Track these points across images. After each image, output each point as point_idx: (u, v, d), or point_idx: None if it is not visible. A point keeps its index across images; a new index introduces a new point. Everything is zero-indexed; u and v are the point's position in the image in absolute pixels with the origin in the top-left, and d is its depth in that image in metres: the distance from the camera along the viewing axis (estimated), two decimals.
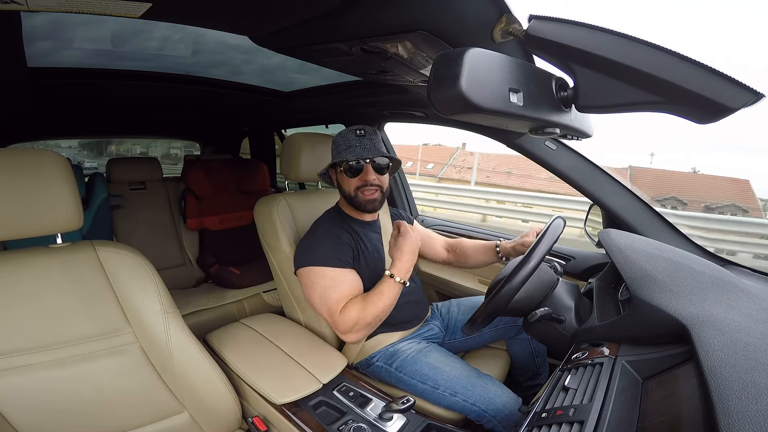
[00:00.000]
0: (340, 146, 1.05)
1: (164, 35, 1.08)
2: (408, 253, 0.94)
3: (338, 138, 1.07)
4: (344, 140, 1.04)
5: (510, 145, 1.20)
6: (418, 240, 0.96)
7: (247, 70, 1.40)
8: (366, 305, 0.93)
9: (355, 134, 1.04)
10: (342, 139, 1.05)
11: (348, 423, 0.83)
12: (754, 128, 32.08)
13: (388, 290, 0.93)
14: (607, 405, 0.51)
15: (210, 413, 0.88)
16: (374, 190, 1.03)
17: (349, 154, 1.01)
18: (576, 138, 0.69)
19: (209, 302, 1.71)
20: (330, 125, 1.94)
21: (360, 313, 0.93)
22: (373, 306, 0.93)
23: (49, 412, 0.71)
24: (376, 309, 0.93)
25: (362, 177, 1.02)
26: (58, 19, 0.90)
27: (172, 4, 0.69)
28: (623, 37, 0.43)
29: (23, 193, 0.68)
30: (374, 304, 0.93)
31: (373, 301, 0.93)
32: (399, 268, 0.94)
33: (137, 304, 0.80)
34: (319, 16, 0.69)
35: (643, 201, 1.06)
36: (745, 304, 0.59)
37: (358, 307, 0.94)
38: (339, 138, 1.07)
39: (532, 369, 1.20)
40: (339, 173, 1.06)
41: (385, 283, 0.94)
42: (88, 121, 2.10)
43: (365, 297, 0.96)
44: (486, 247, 1.23)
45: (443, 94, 0.42)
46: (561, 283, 0.91)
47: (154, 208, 2.04)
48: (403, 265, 0.94)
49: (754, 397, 0.39)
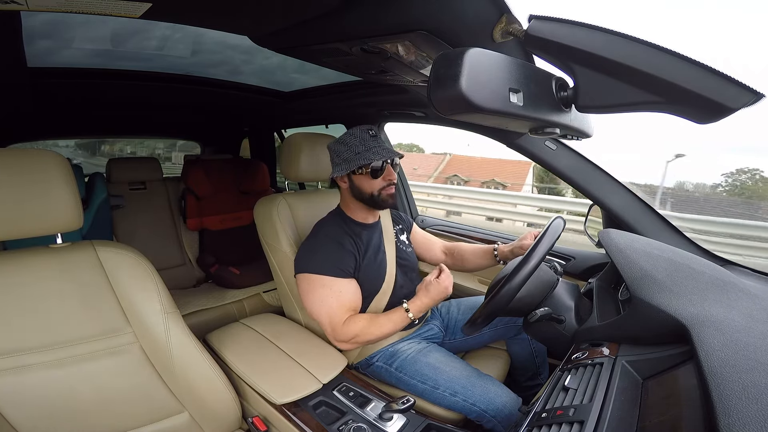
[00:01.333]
0: (356, 148, 1.01)
1: (164, 35, 1.08)
2: (433, 300, 0.95)
3: (350, 139, 1.03)
4: (360, 141, 1.02)
5: (510, 145, 1.20)
6: (449, 292, 0.96)
7: (246, 70, 1.40)
8: (371, 325, 0.96)
9: (368, 134, 1.03)
10: (356, 140, 1.02)
11: (348, 423, 0.83)
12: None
13: (398, 320, 0.96)
14: (607, 405, 0.51)
15: (210, 413, 0.88)
16: (393, 187, 1.06)
17: (373, 155, 1.00)
18: (576, 138, 0.69)
19: (209, 302, 1.71)
20: (330, 125, 1.94)
21: (363, 330, 0.95)
22: (378, 328, 0.95)
23: (49, 412, 0.71)
24: (380, 332, 0.96)
25: (386, 176, 1.03)
26: (58, 19, 0.90)
27: (172, 4, 0.69)
28: (623, 37, 0.43)
29: (23, 193, 0.68)
30: (379, 327, 0.95)
31: (379, 323, 0.96)
32: (417, 305, 0.96)
33: (137, 304, 0.80)
34: (319, 16, 0.69)
35: (643, 201, 1.06)
36: (745, 304, 0.59)
37: (363, 323, 0.96)
38: (351, 139, 1.03)
39: (532, 369, 1.20)
40: (359, 175, 1.03)
41: (398, 313, 0.96)
42: (87, 121, 2.09)
43: (373, 317, 0.97)
44: (484, 251, 1.23)
45: (443, 94, 0.42)
46: (561, 283, 0.91)
47: (154, 208, 2.04)
48: (423, 304, 0.95)
49: (755, 397, 0.39)
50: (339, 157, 1.05)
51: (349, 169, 1.01)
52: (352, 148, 1.02)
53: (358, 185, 1.04)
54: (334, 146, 1.07)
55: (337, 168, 1.05)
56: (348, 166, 1.01)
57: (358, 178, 1.04)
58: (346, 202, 1.11)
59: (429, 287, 0.95)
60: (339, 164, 1.05)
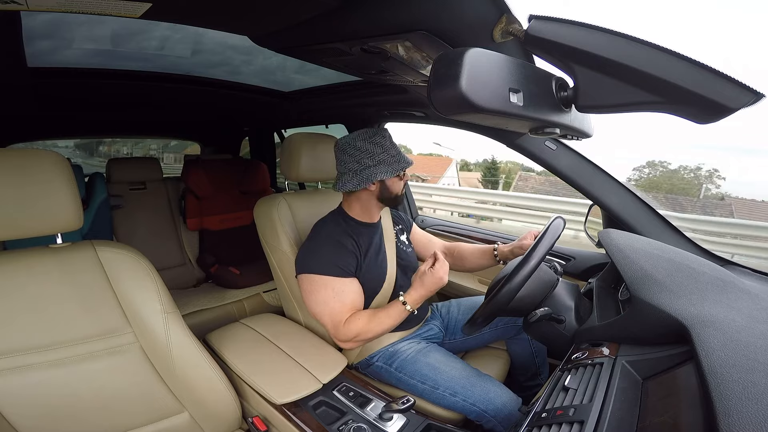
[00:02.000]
0: (390, 150, 1.02)
1: (164, 35, 1.08)
2: (428, 290, 0.94)
3: (368, 146, 1.01)
4: (391, 145, 1.03)
5: (510, 145, 1.20)
6: (444, 281, 0.95)
7: (247, 71, 1.40)
8: (371, 321, 0.96)
9: (383, 137, 1.03)
10: (375, 146, 1.01)
11: (348, 423, 0.83)
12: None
13: (396, 314, 0.95)
14: (607, 405, 0.51)
15: (210, 413, 0.88)
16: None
17: (402, 159, 1.04)
18: (576, 138, 0.69)
19: (209, 302, 1.71)
20: (330, 125, 1.94)
21: (364, 328, 0.95)
22: (378, 324, 0.95)
23: (49, 412, 0.71)
24: (380, 328, 0.95)
25: (405, 176, 1.08)
26: (58, 19, 0.90)
27: (172, 4, 0.69)
28: (623, 37, 0.43)
29: (23, 193, 0.68)
30: (379, 323, 0.95)
31: (379, 319, 0.96)
32: (414, 297, 0.94)
33: (137, 304, 0.80)
34: (319, 16, 0.69)
35: (643, 201, 1.06)
36: (745, 304, 0.59)
37: (364, 321, 0.96)
38: (370, 145, 1.01)
39: (532, 369, 1.20)
40: (393, 178, 1.03)
41: (395, 307, 0.96)
42: (88, 121, 2.09)
43: (372, 313, 0.97)
44: (483, 251, 1.23)
45: (443, 94, 0.42)
46: (561, 283, 0.91)
47: (154, 208, 2.04)
48: (419, 296, 0.95)
49: (755, 398, 0.39)
50: (373, 159, 1.00)
51: (394, 172, 1.01)
52: (374, 155, 1.01)
53: (390, 187, 1.05)
54: (364, 145, 1.01)
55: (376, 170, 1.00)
56: (392, 169, 1.01)
57: (392, 181, 1.05)
58: (354, 203, 1.09)
59: (423, 277, 0.94)
60: (373, 166, 1.00)
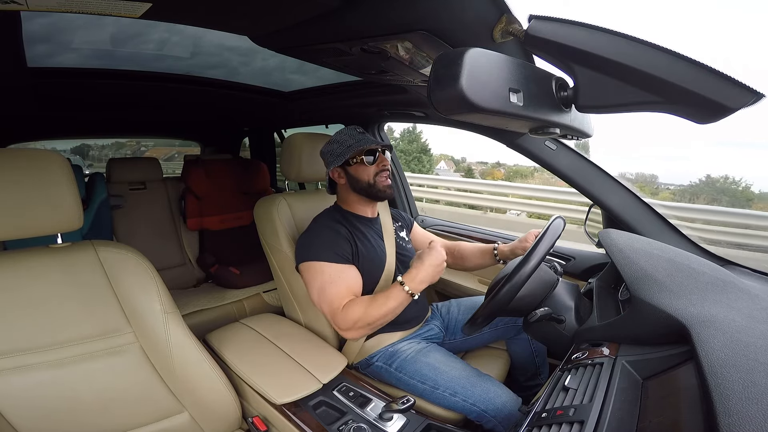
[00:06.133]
0: (347, 142, 1.07)
1: (164, 36, 1.08)
2: (427, 265, 0.92)
3: (341, 137, 1.09)
4: (349, 137, 1.08)
5: (510, 145, 1.20)
6: (443, 259, 0.94)
7: (246, 71, 1.40)
8: (370, 306, 0.93)
9: (356, 131, 1.09)
10: (345, 136, 1.09)
11: (348, 423, 0.83)
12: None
13: (395, 296, 0.92)
14: (607, 405, 0.51)
15: (210, 413, 0.88)
16: (388, 176, 1.09)
17: (365, 143, 1.06)
18: (576, 138, 0.69)
19: (209, 302, 1.71)
20: (330, 125, 1.94)
21: (362, 313, 0.92)
22: (377, 308, 0.92)
23: (49, 412, 0.71)
24: (380, 312, 0.92)
25: (379, 163, 1.08)
26: (58, 19, 0.90)
27: (172, 4, 0.69)
28: (623, 37, 0.43)
29: (23, 193, 0.68)
30: (378, 307, 0.92)
31: (378, 303, 0.93)
32: (412, 276, 0.92)
33: (137, 304, 0.80)
34: (319, 16, 0.69)
35: (643, 201, 1.06)
36: (745, 304, 0.59)
37: (363, 306, 0.94)
38: (342, 136, 1.09)
39: (532, 369, 1.20)
40: (355, 165, 1.07)
41: (394, 289, 0.93)
42: (88, 122, 2.10)
43: (371, 299, 0.96)
44: (484, 251, 1.23)
45: (443, 94, 0.42)
46: (561, 283, 0.91)
47: (154, 208, 2.04)
48: (418, 274, 0.92)
49: (755, 398, 0.39)
50: (332, 155, 1.09)
51: (344, 158, 1.06)
52: (343, 143, 1.08)
53: (355, 174, 1.08)
54: (326, 147, 1.12)
55: (333, 163, 1.09)
56: (343, 157, 1.06)
57: (354, 168, 1.08)
58: (343, 197, 1.14)
59: (422, 255, 0.94)
60: (333, 161, 1.09)
